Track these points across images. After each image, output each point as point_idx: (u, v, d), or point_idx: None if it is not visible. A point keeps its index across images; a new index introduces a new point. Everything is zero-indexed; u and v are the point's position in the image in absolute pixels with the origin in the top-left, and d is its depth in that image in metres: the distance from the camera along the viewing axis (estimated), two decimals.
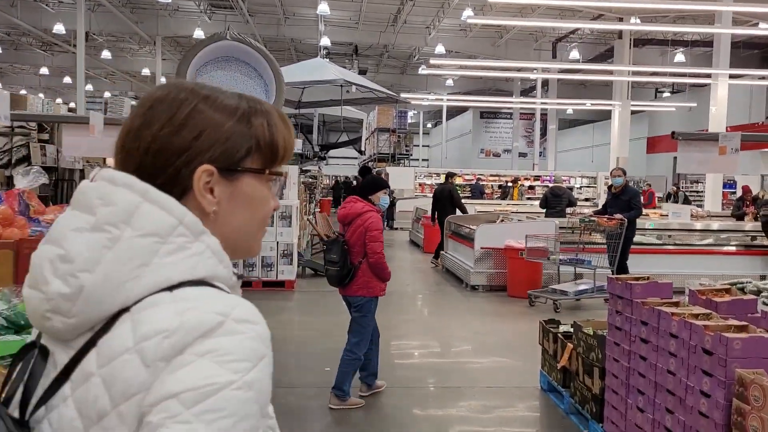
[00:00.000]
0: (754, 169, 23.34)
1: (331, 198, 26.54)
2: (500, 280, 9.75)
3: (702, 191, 21.19)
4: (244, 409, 0.76)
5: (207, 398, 0.74)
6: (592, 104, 27.10)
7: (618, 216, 8.59)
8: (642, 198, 10.82)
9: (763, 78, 19.68)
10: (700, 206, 17.38)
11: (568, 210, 12.68)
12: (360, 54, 26.46)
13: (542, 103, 27.62)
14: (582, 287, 8.66)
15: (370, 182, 5.07)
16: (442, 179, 26.02)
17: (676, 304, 3.61)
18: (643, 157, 31.74)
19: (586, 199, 22.89)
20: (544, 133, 32.01)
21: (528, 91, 32.82)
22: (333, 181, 32.91)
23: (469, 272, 10.02)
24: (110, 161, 2.60)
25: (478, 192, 22.58)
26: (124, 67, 31.29)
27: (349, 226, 4.79)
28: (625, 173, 9.17)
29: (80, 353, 0.82)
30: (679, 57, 22.83)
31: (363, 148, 30.74)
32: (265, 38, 24.01)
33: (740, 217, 13.54)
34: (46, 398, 0.83)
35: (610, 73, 21.09)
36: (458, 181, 25.05)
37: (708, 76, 17.88)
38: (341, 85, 11.47)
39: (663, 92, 33.14)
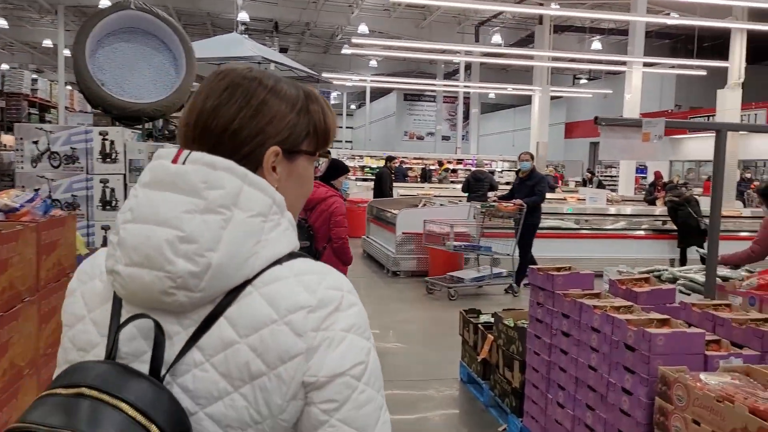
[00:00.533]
0: (664, 155, 24.34)
1: None
2: (423, 265, 9.63)
3: (616, 176, 21.89)
4: (377, 362, 0.95)
5: (368, 367, 0.92)
6: (513, 89, 27.47)
7: (518, 201, 8.37)
8: (549, 183, 10.97)
9: (674, 67, 20.40)
10: (615, 191, 17.92)
11: (490, 194, 12.74)
12: (281, 31, 25.67)
13: (465, 87, 27.74)
14: (478, 274, 8.50)
15: (332, 167, 5.06)
16: (366, 162, 25.93)
17: (598, 296, 3.49)
18: (562, 142, 32.59)
19: (507, 183, 23.22)
20: (467, 116, 32.26)
21: (451, 74, 32.94)
22: None
23: (390, 258, 9.84)
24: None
25: (401, 175, 22.49)
26: (23, 37, 29.17)
27: (312, 211, 4.76)
28: (533, 158, 8.90)
29: (206, 324, 0.91)
30: (596, 45, 23.37)
31: None
32: (179, 11, 22.90)
33: (652, 202, 14.00)
34: (173, 365, 0.90)
35: (531, 58, 21.35)
36: (381, 163, 24.98)
37: (623, 64, 18.36)
38: (259, 63, 10.96)
39: (580, 79, 34.05)
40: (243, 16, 17.23)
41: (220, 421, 0.90)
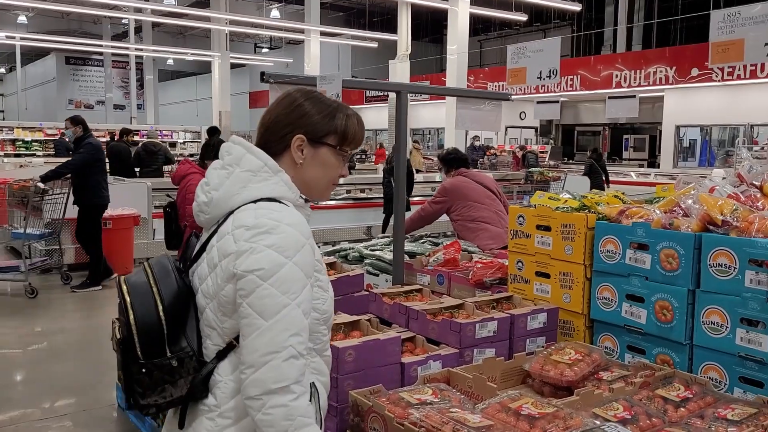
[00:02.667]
0: None
1: None
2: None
3: None
4: (295, 276, 1.38)
5: (274, 274, 1.36)
6: (192, 54, 25.83)
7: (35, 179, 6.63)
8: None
9: (348, 37, 21.03)
10: None
11: (166, 168, 11.42)
12: None
13: (136, 50, 25.19)
14: None
15: (205, 147, 5.12)
16: (18, 134, 21.89)
17: None
18: (247, 111, 31.95)
19: (191, 155, 21.78)
20: (143, 84, 29.53)
21: (121, 36, 29.75)
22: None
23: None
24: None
25: (63, 149, 19.52)
26: None
27: (178, 188, 4.85)
28: (78, 123, 6.80)
29: (210, 236, 1.49)
30: (275, 13, 23.09)
31: None
32: None
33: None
34: (195, 260, 1.53)
35: (208, 20, 20.07)
36: (39, 136, 21.37)
37: (301, 32, 18.25)
38: None
39: (262, 47, 33.71)
40: None
41: (205, 293, 1.47)
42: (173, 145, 23.45)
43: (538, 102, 5.59)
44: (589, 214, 2.64)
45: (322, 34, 17.64)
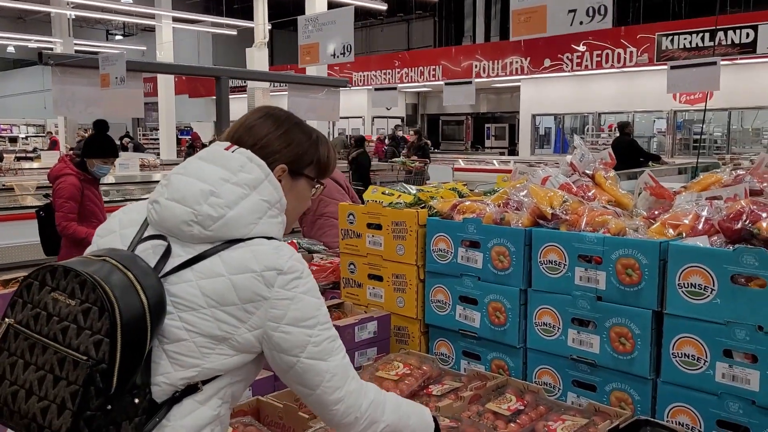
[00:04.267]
0: (208, 116, 24.25)
1: None
2: None
3: (158, 138, 20.74)
4: (324, 310, 1.32)
5: (319, 319, 1.29)
6: (34, 41, 23.56)
7: None
8: None
9: (201, 23, 20.04)
10: (159, 155, 16.81)
11: None
12: None
13: None
14: None
15: (88, 143, 4.43)
16: None
17: None
18: None
19: (34, 150, 19.91)
20: None
21: None
22: None
23: None
24: None
25: None
26: None
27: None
28: None
29: (203, 255, 1.26)
30: None
31: None
32: None
33: None
34: (168, 274, 1.25)
35: (47, 2, 18.31)
36: None
37: (152, 17, 17.10)
38: None
39: (115, 35, 31.55)
40: None
41: (191, 324, 1.23)
42: (14, 140, 21.35)
43: (375, 89, 5.41)
44: (420, 210, 2.42)
45: (175, 20, 16.62)
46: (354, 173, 10.92)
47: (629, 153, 9.76)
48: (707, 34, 13.43)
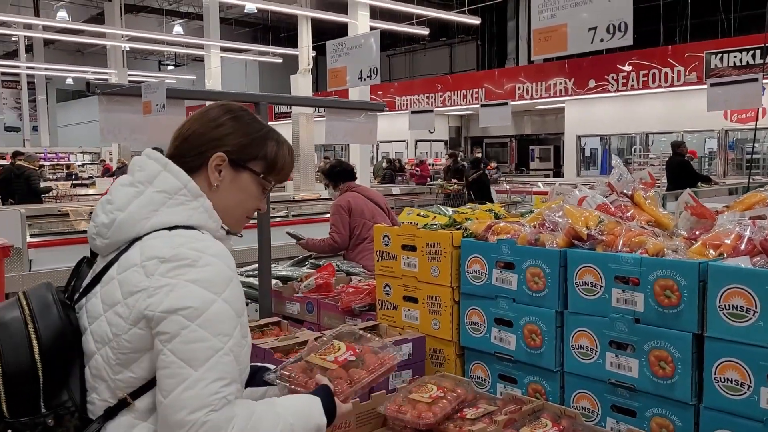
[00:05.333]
0: None
1: None
2: None
3: None
4: (225, 314, 1.19)
5: (203, 313, 1.17)
6: (93, 72, 24.54)
7: None
8: None
9: (248, 52, 20.56)
10: None
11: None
12: None
13: (28, 68, 23.73)
14: None
15: None
16: None
17: None
18: None
19: (89, 177, 20.62)
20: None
21: (11, 55, 28.02)
22: None
23: None
24: None
25: None
26: None
27: None
28: None
29: (108, 264, 1.27)
30: (178, 29, 22.28)
31: None
32: None
33: None
34: (86, 293, 1.29)
35: (103, 36, 19.12)
36: None
37: (202, 48, 17.65)
38: None
39: (167, 65, 32.63)
40: None
41: (96, 335, 1.23)
42: (69, 168, 22.16)
43: (412, 112, 5.42)
44: (454, 232, 2.42)
45: (224, 49, 17.12)
46: (476, 194, 11.45)
47: (681, 173, 9.54)
48: (758, 52, 13.09)
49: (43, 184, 11.10)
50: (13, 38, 24.24)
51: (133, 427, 1.22)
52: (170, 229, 1.26)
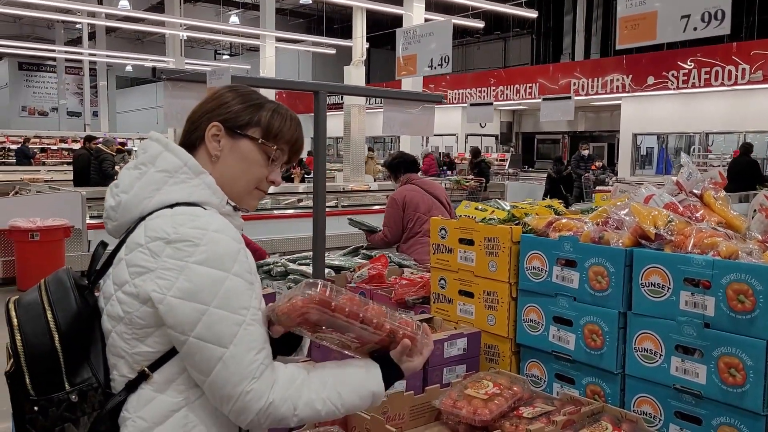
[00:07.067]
0: (306, 131, 24.87)
1: None
2: (10, 270, 7.56)
3: None
4: (239, 288, 1.22)
5: (216, 293, 1.20)
6: (149, 61, 25.15)
7: None
8: None
9: (303, 42, 20.70)
10: None
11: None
12: None
13: (90, 55, 24.44)
14: None
15: None
16: None
17: None
18: None
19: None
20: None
21: (76, 42, 28.91)
22: None
23: None
24: None
25: (23, 157, 18.90)
26: None
27: None
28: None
29: (119, 246, 1.30)
30: (234, 19, 22.61)
31: None
32: None
33: (288, 179, 13.70)
34: (101, 275, 1.33)
35: (162, 24, 19.54)
36: None
37: (257, 38, 17.86)
38: None
39: (222, 54, 33.18)
40: None
41: (111, 314, 1.27)
42: (129, 152, 22.76)
43: (471, 104, 5.34)
44: (514, 227, 2.37)
45: (278, 39, 17.28)
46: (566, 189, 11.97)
47: (747, 174, 9.21)
48: None
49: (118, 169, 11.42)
50: (77, 26, 25.00)
51: (152, 400, 1.26)
52: (172, 206, 1.27)
